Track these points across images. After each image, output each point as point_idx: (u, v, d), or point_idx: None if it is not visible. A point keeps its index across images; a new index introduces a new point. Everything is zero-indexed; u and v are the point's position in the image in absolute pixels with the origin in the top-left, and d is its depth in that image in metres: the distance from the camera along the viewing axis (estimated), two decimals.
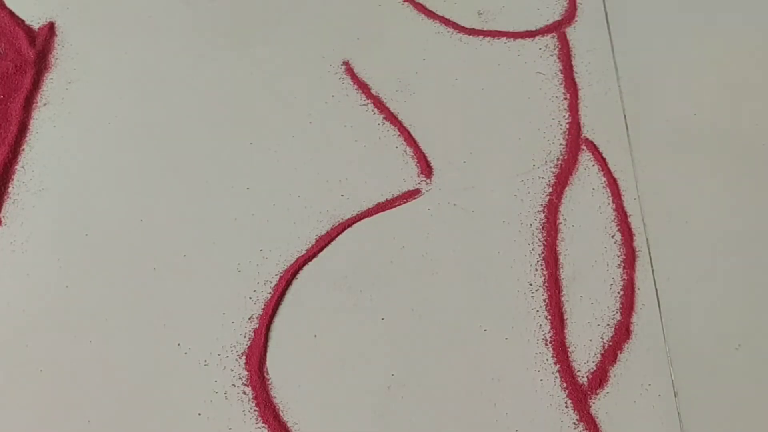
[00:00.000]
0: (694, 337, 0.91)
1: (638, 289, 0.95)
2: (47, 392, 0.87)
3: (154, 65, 1.12)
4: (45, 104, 1.08)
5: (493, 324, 0.92)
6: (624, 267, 0.96)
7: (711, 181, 1.01)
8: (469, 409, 0.86)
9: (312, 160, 1.03)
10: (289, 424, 0.85)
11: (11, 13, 1.16)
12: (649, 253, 0.96)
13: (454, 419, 0.86)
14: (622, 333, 0.92)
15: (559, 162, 1.02)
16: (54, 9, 1.17)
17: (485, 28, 1.16)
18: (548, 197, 1.00)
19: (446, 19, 1.17)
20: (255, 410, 0.86)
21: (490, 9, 1.18)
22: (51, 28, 1.15)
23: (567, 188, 1.00)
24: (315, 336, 0.91)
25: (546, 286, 0.94)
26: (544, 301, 0.93)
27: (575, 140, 1.04)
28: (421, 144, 1.04)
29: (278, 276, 0.94)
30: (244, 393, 0.87)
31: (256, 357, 0.89)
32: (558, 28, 1.15)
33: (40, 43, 1.12)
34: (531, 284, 0.94)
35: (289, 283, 0.94)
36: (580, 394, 0.88)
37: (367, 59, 1.12)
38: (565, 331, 0.92)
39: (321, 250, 0.96)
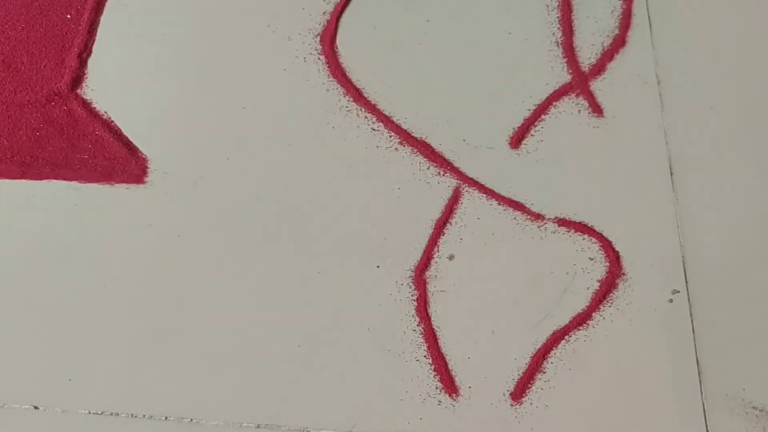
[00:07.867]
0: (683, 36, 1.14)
1: (634, 14, 1.18)
2: None
3: None
4: None
5: (515, 27, 1.15)
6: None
7: None
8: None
9: None
10: (353, 81, 1.10)
11: None
12: None
13: None
14: (619, 42, 1.15)
15: None
16: None
17: None
18: None
19: None
20: (327, 70, 1.11)
21: None
22: None
23: None
24: (374, 27, 1.15)
25: (559, 7, 1.17)
26: (557, 17, 1.16)
27: None
28: None
29: None
30: (319, 59, 1.12)
31: (329, 36, 1.13)
32: None
33: None
34: (548, 6, 1.18)
35: None
36: (582, 77, 1.12)
37: None
38: (573, 37, 1.15)
39: None
